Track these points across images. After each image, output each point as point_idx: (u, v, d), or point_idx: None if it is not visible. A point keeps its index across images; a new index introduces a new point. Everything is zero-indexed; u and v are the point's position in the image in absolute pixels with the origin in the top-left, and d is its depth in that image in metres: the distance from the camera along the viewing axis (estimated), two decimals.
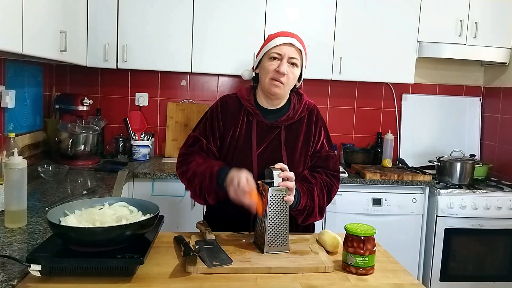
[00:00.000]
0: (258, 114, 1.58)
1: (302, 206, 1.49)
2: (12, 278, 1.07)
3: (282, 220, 1.37)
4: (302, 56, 1.56)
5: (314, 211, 1.53)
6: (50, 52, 2.08)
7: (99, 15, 2.79)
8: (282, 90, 1.55)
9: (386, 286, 1.20)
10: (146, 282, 1.14)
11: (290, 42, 1.52)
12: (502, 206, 2.81)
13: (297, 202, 1.47)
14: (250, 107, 1.59)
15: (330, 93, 3.40)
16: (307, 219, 1.55)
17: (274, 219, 1.36)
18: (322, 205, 1.56)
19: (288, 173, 1.39)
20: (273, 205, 1.36)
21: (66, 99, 2.83)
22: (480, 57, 3.13)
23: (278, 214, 1.36)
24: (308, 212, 1.53)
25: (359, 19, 2.97)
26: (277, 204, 1.36)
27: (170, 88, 3.26)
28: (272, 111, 1.61)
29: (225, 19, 2.87)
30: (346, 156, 3.23)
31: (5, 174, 1.43)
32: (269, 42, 1.55)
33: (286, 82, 1.53)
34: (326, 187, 1.58)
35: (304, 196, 1.49)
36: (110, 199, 1.41)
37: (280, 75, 1.51)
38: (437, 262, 2.83)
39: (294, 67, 1.54)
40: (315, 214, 1.54)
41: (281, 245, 1.36)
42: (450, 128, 3.45)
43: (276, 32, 1.59)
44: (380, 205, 2.81)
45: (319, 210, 1.55)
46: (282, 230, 1.36)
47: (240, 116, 1.59)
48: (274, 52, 1.52)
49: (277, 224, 1.36)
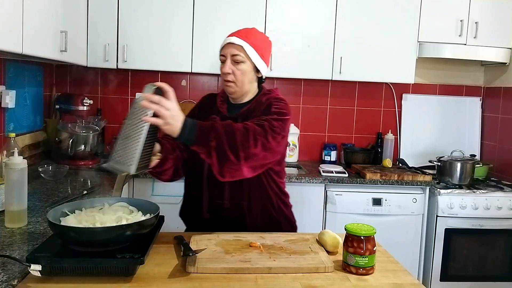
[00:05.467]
0: (223, 108, 1.66)
1: (202, 141, 1.34)
2: (12, 278, 1.07)
3: (134, 137, 1.27)
4: (246, 50, 1.57)
5: (226, 150, 1.35)
6: (50, 52, 2.08)
7: (99, 15, 2.79)
8: (235, 88, 1.61)
9: (386, 286, 1.20)
10: (146, 282, 1.14)
11: (229, 41, 1.58)
12: (502, 206, 2.81)
13: (189, 134, 1.33)
14: (219, 102, 1.69)
15: (330, 93, 3.40)
16: (223, 164, 1.37)
17: (126, 132, 1.28)
18: (235, 144, 1.36)
19: (155, 97, 1.27)
20: (130, 118, 1.27)
21: (66, 99, 2.83)
22: (480, 57, 3.13)
23: (132, 129, 1.27)
24: (218, 153, 1.35)
25: (359, 19, 2.98)
26: (133, 118, 1.27)
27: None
28: (239, 106, 1.66)
29: (225, 19, 2.87)
30: (346, 156, 3.23)
31: (5, 174, 1.43)
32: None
33: (235, 79, 1.59)
34: (250, 130, 1.41)
35: (201, 129, 1.35)
36: (110, 199, 1.41)
37: (225, 75, 1.59)
38: (437, 262, 2.83)
39: (239, 64, 1.58)
40: (227, 155, 1.35)
41: (124, 162, 1.27)
42: (450, 128, 3.45)
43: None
44: (380, 205, 2.81)
45: (236, 150, 1.36)
46: (130, 147, 1.27)
47: (214, 112, 1.68)
48: (220, 55, 1.62)
49: (127, 139, 1.27)
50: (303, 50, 2.96)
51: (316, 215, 2.81)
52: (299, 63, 2.97)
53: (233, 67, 1.58)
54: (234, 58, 1.57)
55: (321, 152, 3.38)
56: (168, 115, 1.27)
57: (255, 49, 1.58)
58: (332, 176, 2.83)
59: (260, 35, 1.64)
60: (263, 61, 1.62)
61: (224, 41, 1.61)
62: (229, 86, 1.60)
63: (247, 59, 1.58)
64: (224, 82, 1.61)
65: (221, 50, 1.61)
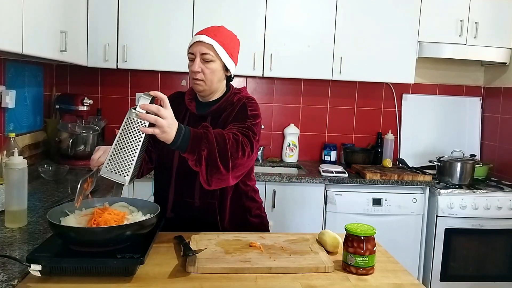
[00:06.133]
0: (192, 106, 1.66)
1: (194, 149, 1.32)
2: (12, 278, 1.07)
3: (130, 149, 1.25)
4: (216, 49, 1.56)
5: (216, 160, 1.35)
6: (50, 52, 2.08)
7: (99, 15, 2.79)
8: (204, 87, 1.60)
9: (386, 286, 1.20)
10: (146, 282, 1.14)
11: (198, 40, 1.57)
12: (502, 206, 2.81)
13: (182, 142, 1.31)
14: (187, 100, 1.68)
15: (330, 93, 3.40)
16: (211, 174, 1.36)
17: (121, 143, 1.25)
18: (225, 154, 1.36)
19: (151, 106, 1.26)
20: (126, 129, 1.26)
21: (67, 99, 2.83)
22: (480, 57, 3.13)
23: (128, 140, 1.25)
24: (207, 162, 1.34)
25: (359, 19, 2.98)
26: (130, 129, 1.25)
27: (170, 88, 3.26)
28: (208, 104, 1.66)
29: (225, 19, 2.86)
30: (346, 156, 3.23)
31: (5, 174, 1.43)
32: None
33: (205, 78, 1.58)
34: (236, 140, 1.42)
35: (194, 138, 1.33)
36: (110, 199, 1.41)
37: (195, 73, 1.57)
38: (437, 262, 2.83)
39: (208, 63, 1.57)
40: (217, 165, 1.35)
41: (120, 173, 1.25)
42: (450, 128, 3.45)
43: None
44: (380, 205, 2.81)
45: (224, 160, 1.36)
46: (126, 158, 1.25)
47: (182, 109, 1.68)
48: (189, 53, 1.60)
49: (123, 150, 1.25)
50: (303, 50, 2.96)
51: (316, 215, 2.81)
52: (299, 63, 2.97)
53: (202, 65, 1.56)
54: (203, 57, 1.56)
55: (321, 152, 3.38)
56: (165, 124, 1.26)
57: (224, 48, 1.58)
58: (332, 176, 2.83)
59: (229, 34, 1.63)
60: (231, 60, 1.62)
61: (193, 39, 1.59)
62: (198, 84, 1.59)
63: (216, 58, 1.57)
64: (193, 80, 1.59)
65: (190, 48, 1.59)
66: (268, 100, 3.35)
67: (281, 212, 2.78)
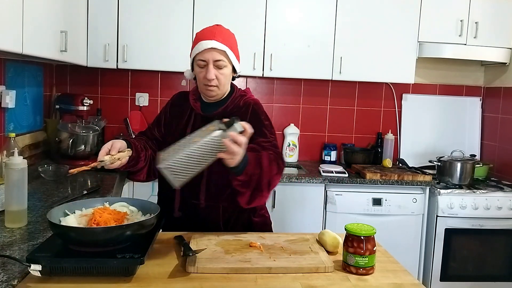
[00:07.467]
0: (197, 107, 1.64)
1: (248, 174, 1.35)
2: (12, 278, 1.07)
3: (199, 163, 1.25)
4: (228, 54, 1.55)
5: (261, 184, 1.39)
6: (50, 52, 2.08)
7: (99, 15, 2.79)
8: (217, 92, 1.60)
9: (386, 286, 1.20)
10: (146, 282, 1.14)
11: (211, 47, 1.52)
12: (502, 206, 2.81)
13: (243, 167, 1.33)
14: (192, 101, 1.66)
15: (330, 93, 3.40)
16: (254, 196, 1.41)
17: (196, 154, 1.24)
18: (269, 178, 1.41)
19: (240, 138, 1.25)
20: (207, 144, 1.24)
21: (67, 99, 2.83)
22: (480, 57, 3.13)
23: (203, 155, 1.25)
24: (255, 186, 1.38)
25: (359, 19, 2.98)
26: (210, 146, 1.24)
27: (170, 88, 3.26)
28: (213, 104, 1.65)
29: (225, 19, 2.85)
30: (346, 156, 3.23)
31: (5, 174, 1.43)
32: (195, 47, 1.56)
33: (218, 83, 1.57)
34: (275, 160, 1.46)
35: (250, 163, 1.35)
36: (110, 199, 1.41)
37: (210, 81, 1.55)
38: (437, 262, 2.83)
39: (222, 69, 1.55)
40: (261, 188, 1.40)
41: (177, 176, 1.25)
42: (450, 128, 3.45)
43: (201, 31, 1.60)
44: (380, 205, 2.81)
45: (267, 183, 1.41)
46: (190, 168, 1.25)
47: (187, 109, 1.67)
48: (199, 59, 1.54)
49: (193, 160, 1.24)
50: (303, 50, 2.96)
51: (316, 215, 2.81)
52: (299, 63, 2.97)
53: (216, 72, 1.54)
54: (217, 63, 1.53)
55: (321, 152, 3.38)
56: (239, 153, 1.26)
57: (233, 52, 1.57)
58: (332, 176, 2.83)
59: (231, 34, 1.61)
60: (237, 61, 1.61)
61: (202, 45, 1.52)
62: (212, 90, 1.57)
63: (228, 63, 1.56)
64: (205, 86, 1.56)
65: (200, 54, 1.53)
66: (268, 100, 3.35)
67: (281, 212, 2.78)
